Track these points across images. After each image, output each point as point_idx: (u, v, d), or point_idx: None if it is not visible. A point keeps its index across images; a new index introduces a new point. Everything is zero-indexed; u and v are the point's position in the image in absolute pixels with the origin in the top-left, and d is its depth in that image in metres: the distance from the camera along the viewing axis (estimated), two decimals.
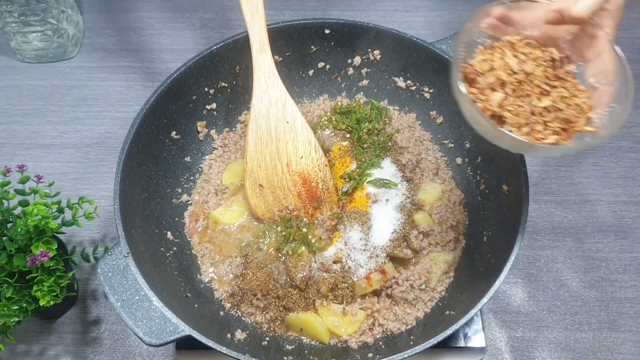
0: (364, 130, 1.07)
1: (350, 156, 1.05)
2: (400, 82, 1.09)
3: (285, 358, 0.85)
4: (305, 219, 0.98)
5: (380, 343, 0.89)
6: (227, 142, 1.09)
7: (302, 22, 1.04)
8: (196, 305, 0.90)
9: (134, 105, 1.19)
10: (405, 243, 0.96)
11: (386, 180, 1.02)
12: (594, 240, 1.06)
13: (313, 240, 0.96)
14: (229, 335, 0.87)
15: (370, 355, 0.84)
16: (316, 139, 1.01)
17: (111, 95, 1.24)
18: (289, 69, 1.08)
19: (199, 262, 0.97)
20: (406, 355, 0.76)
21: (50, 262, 0.81)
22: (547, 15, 0.69)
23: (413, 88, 1.09)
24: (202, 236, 0.99)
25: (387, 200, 1.00)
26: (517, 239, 0.82)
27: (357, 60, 1.09)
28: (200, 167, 1.06)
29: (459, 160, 1.05)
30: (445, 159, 1.07)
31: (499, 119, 0.69)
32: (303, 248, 0.95)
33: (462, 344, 0.90)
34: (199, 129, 1.07)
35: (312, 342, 0.90)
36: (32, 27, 1.21)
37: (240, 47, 1.00)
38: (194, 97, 1.04)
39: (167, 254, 0.94)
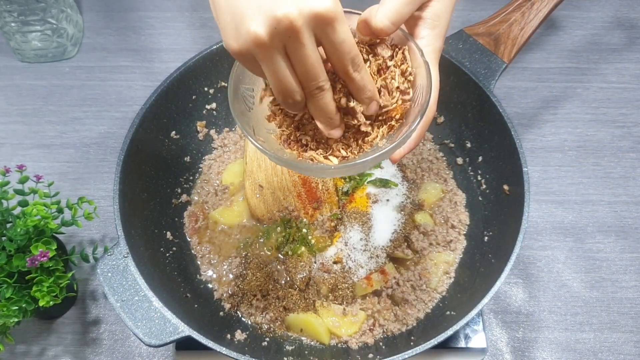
0: None
1: None
2: None
3: (285, 358, 0.85)
4: (305, 220, 0.98)
5: (381, 344, 0.88)
6: (227, 142, 1.08)
7: None
8: (196, 306, 0.89)
9: (134, 105, 1.19)
10: (405, 243, 0.96)
11: (386, 180, 1.02)
12: (594, 241, 1.06)
13: (313, 241, 0.96)
14: (228, 336, 0.87)
15: (370, 355, 0.84)
16: None
17: (111, 95, 1.24)
18: None
19: (198, 262, 0.97)
20: (407, 356, 0.75)
21: (49, 263, 0.81)
22: (358, 24, 0.61)
23: None
24: (202, 236, 0.99)
25: (388, 200, 1.00)
26: (518, 239, 0.81)
27: None
28: (200, 167, 1.06)
29: (459, 160, 1.05)
30: (446, 159, 1.06)
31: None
32: (303, 248, 0.95)
33: (462, 344, 0.90)
34: (199, 128, 1.07)
35: (312, 343, 0.89)
36: (32, 27, 1.20)
37: None
38: (193, 97, 1.04)
39: (167, 254, 0.94)
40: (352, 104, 0.60)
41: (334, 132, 0.61)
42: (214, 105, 1.07)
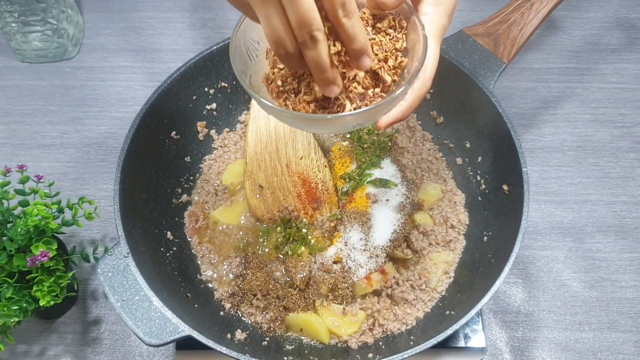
0: (364, 130, 1.07)
1: (350, 156, 1.05)
2: None
3: (285, 358, 0.85)
4: (304, 220, 0.98)
5: (381, 343, 0.89)
6: (227, 143, 1.09)
7: None
8: (196, 306, 0.90)
9: (134, 105, 1.19)
10: (405, 243, 0.96)
11: (386, 180, 1.02)
12: (594, 241, 1.06)
13: (313, 241, 0.96)
14: (229, 336, 0.87)
15: (370, 355, 0.84)
16: (316, 139, 1.01)
17: (111, 95, 1.24)
18: None
19: (198, 262, 0.97)
20: (406, 355, 0.76)
21: (50, 262, 0.81)
22: None
23: None
24: (202, 236, 0.99)
25: (387, 200, 1.00)
26: (518, 239, 0.82)
27: None
28: (200, 168, 1.06)
29: (459, 160, 1.05)
30: (446, 159, 1.07)
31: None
32: (303, 248, 0.96)
33: (462, 344, 0.90)
34: (199, 129, 1.07)
35: (312, 342, 0.90)
36: (32, 27, 1.21)
37: None
38: (194, 97, 1.04)
39: (167, 254, 0.94)
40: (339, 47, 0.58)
41: (330, 89, 0.59)
42: (214, 105, 1.07)
